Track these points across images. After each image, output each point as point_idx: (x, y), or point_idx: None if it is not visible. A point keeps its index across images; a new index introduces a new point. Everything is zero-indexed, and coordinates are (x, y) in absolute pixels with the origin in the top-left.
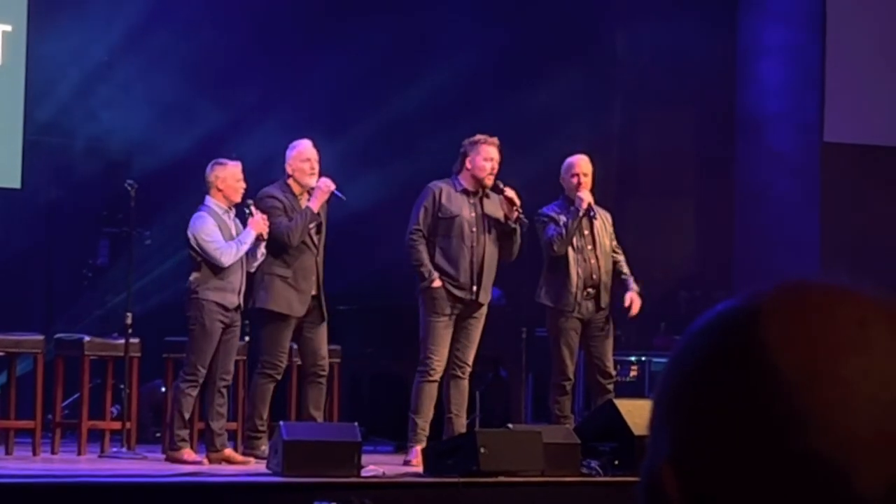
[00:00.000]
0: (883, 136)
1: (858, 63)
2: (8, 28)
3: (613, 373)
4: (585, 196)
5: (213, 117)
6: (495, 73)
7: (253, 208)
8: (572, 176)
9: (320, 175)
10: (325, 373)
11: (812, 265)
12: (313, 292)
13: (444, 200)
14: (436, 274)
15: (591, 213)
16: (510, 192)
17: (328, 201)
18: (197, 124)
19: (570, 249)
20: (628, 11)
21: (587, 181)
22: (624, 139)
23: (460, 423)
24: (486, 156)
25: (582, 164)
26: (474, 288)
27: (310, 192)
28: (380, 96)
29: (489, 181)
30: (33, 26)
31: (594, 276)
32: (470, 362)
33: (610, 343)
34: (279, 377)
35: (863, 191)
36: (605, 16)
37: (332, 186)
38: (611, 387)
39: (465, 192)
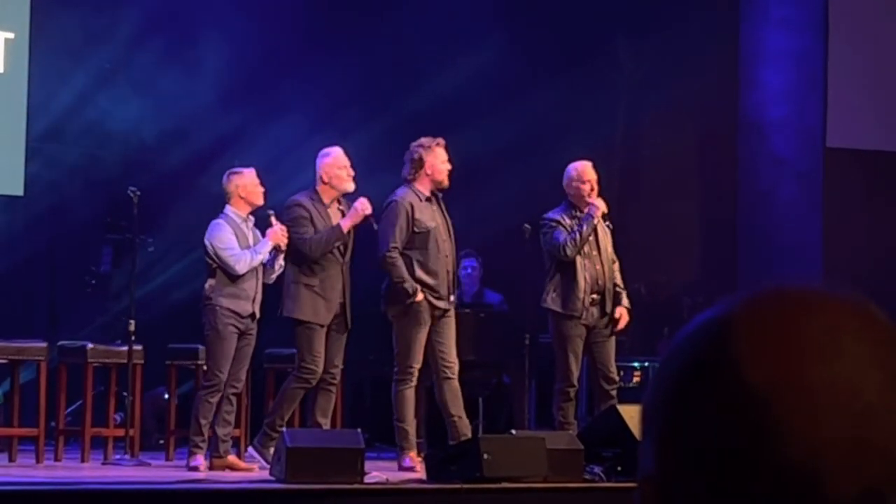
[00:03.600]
0: (886, 141)
1: (861, 68)
2: (10, 35)
3: (617, 378)
4: (600, 203)
5: (216, 124)
6: (500, 79)
7: (273, 219)
8: (583, 183)
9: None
10: (336, 381)
11: (815, 270)
12: (340, 300)
13: (417, 215)
14: (418, 286)
15: (605, 220)
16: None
17: (359, 223)
18: (200, 131)
19: (577, 255)
20: (631, 18)
21: (596, 187)
22: (627, 144)
23: (464, 425)
24: (443, 158)
25: (589, 171)
26: (451, 298)
27: (340, 200)
28: (381, 103)
29: (447, 182)
30: (36, 33)
31: (600, 283)
32: (455, 360)
33: (613, 348)
34: (314, 383)
35: (865, 196)
36: (608, 22)
37: (369, 210)
38: (614, 392)
39: (428, 199)
